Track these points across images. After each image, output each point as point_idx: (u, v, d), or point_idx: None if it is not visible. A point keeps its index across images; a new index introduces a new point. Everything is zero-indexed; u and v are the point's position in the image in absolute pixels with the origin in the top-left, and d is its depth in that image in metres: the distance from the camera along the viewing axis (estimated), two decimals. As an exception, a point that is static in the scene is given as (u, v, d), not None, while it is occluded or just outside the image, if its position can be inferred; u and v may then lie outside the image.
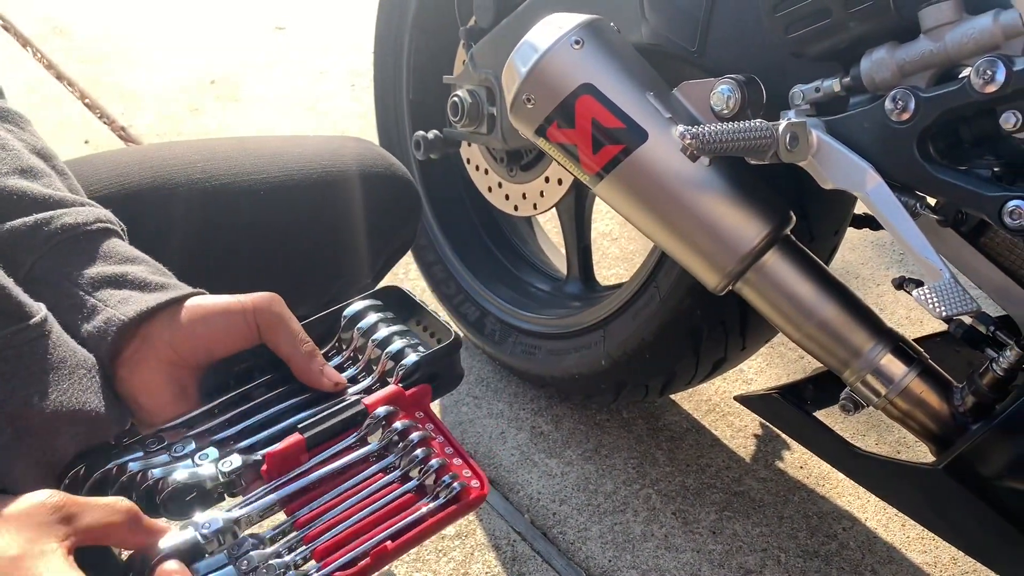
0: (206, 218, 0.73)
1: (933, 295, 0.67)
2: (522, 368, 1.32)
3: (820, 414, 0.90)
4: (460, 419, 1.34)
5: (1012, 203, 0.64)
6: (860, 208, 0.92)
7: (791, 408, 0.87)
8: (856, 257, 1.70)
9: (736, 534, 1.14)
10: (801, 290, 0.80)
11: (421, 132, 1.24)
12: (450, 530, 1.14)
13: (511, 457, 1.27)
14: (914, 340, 0.87)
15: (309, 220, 0.78)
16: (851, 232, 1.39)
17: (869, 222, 1.02)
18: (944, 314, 0.66)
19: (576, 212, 1.27)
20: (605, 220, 1.80)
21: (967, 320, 0.78)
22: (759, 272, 0.80)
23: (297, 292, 0.77)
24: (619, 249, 1.74)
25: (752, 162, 0.76)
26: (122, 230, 0.59)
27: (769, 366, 1.44)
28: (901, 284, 0.78)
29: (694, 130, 0.68)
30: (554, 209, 1.25)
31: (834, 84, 0.74)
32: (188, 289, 0.57)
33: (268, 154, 0.78)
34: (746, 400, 0.94)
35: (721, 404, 1.36)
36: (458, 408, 1.36)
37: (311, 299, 0.80)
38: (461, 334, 1.46)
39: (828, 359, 0.81)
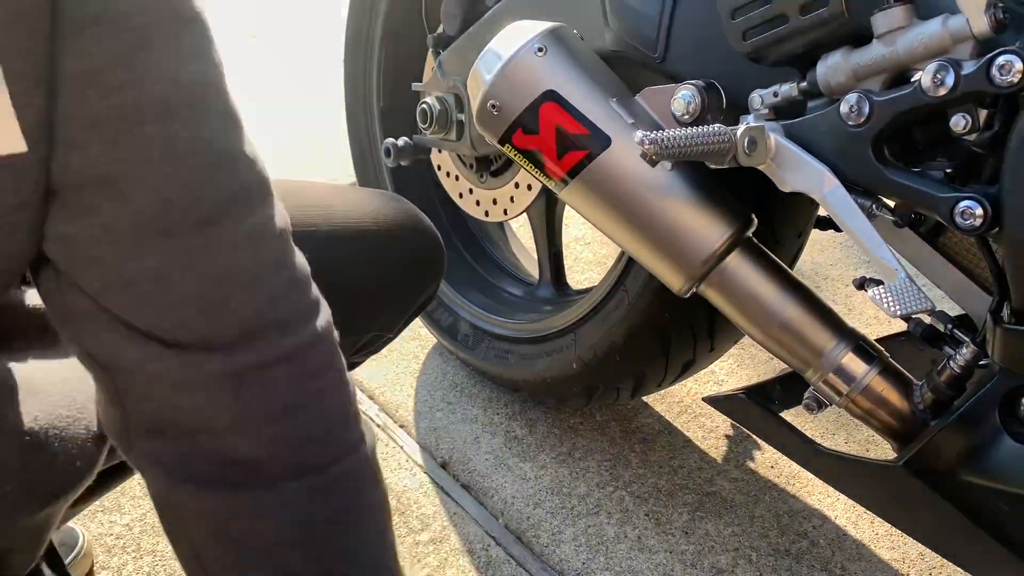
0: None
1: (888, 294, 0.68)
2: (495, 373, 1.33)
3: (790, 413, 0.91)
4: (434, 425, 1.34)
5: (963, 203, 0.66)
6: (824, 210, 0.94)
7: (757, 408, 0.88)
8: (825, 258, 1.72)
9: (708, 534, 1.15)
10: (763, 291, 0.81)
11: (391, 139, 1.24)
12: (424, 536, 1.15)
13: (485, 462, 1.27)
14: (877, 339, 0.88)
15: (355, 270, 0.79)
16: (820, 234, 1.41)
17: (833, 224, 1.03)
18: (898, 313, 0.68)
19: (547, 217, 1.28)
20: (578, 225, 1.81)
21: (926, 319, 0.80)
22: (722, 274, 0.82)
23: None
24: (592, 253, 1.76)
25: (712, 167, 0.77)
26: None
27: (740, 367, 1.45)
28: (862, 284, 0.80)
29: (653, 135, 0.69)
30: (525, 214, 1.26)
31: (792, 89, 0.76)
32: None
33: (319, 203, 0.79)
34: (714, 401, 0.95)
35: (693, 405, 1.37)
36: (432, 414, 1.36)
37: (344, 347, 0.82)
38: (435, 339, 1.47)
39: (791, 359, 0.82)
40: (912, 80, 0.68)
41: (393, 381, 1.44)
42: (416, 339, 1.52)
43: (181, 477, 0.48)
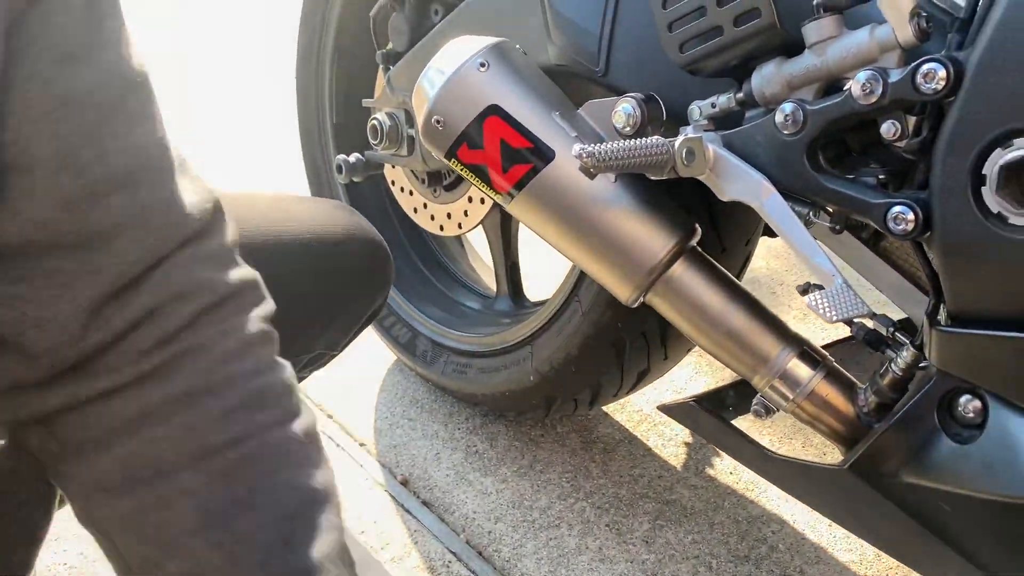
0: None
1: (824, 300, 0.69)
2: (454, 387, 1.32)
3: (748, 419, 0.92)
4: (395, 442, 1.33)
5: (895, 209, 0.67)
6: (769, 217, 0.95)
7: (708, 415, 0.89)
8: (780, 264, 1.74)
9: (669, 543, 1.15)
10: (708, 300, 0.82)
11: (342, 156, 1.24)
12: (385, 555, 1.14)
13: (446, 478, 1.26)
14: (823, 345, 0.89)
15: (299, 285, 0.77)
16: (776, 240, 1.43)
17: (781, 231, 1.05)
18: (835, 318, 0.69)
19: (502, 230, 1.28)
20: (538, 237, 1.82)
21: (869, 323, 0.81)
22: (668, 284, 0.82)
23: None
24: (556, 264, 1.76)
25: (654, 178, 0.78)
26: None
27: (699, 374, 1.46)
28: (806, 290, 0.81)
29: (590, 148, 0.70)
30: (481, 227, 1.26)
31: (729, 100, 0.77)
32: None
33: (259, 216, 0.77)
34: (667, 409, 0.96)
35: (653, 414, 1.37)
36: (392, 431, 1.35)
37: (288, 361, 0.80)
38: (393, 356, 1.46)
39: (738, 366, 0.83)
40: (843, 89, 0.69)
41: (353, 400, 1.43)
42: (376, 356, 1.51)
43: (93, 488, 0.48)
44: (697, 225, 0.85)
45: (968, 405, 0.68)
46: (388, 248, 0.88)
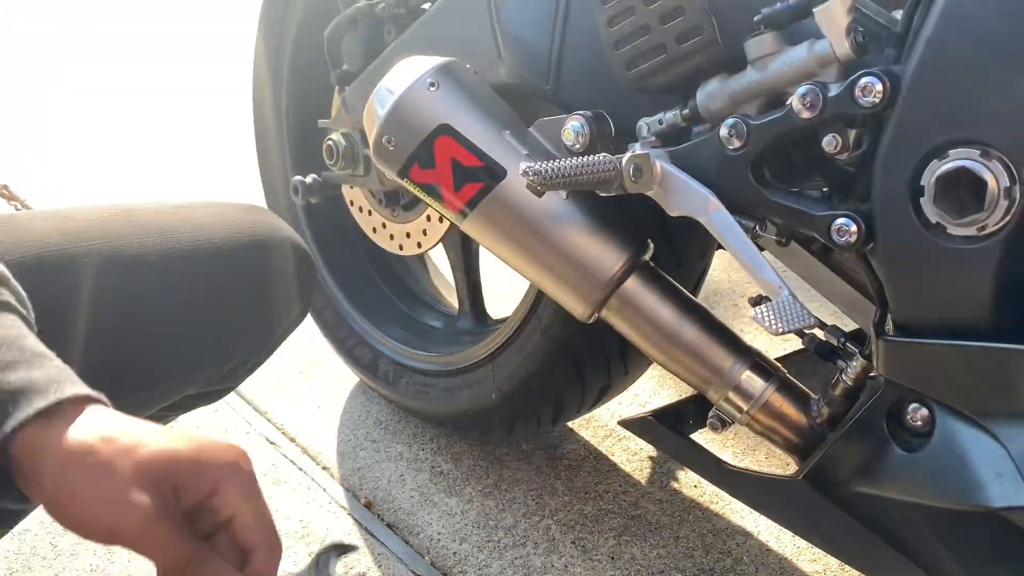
0: (100, 288, 0.68)
1: (770, 313, 0.70)
2: (417, 408, 1.32)
3: (708, 432, 0.92)
4: (358, 465, 1.32)
5: (839, 221, 0.68)
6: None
7: (666, 429, 0.89)
8: (742, 277, 1.75)
9: (634, 558, 1.15)
10: (661, 314, 0.82)
11: (298, 177, 1.23)
12: (348, 579, 1.13)
13: (411, 500, 1.25)
14: (777, 357, 0.90)
15: (203, 295, 0.74)
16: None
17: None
18: (781, 330, 0.69)
19: (463, 248, 1.28)
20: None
21: (820, 334, 0.82)
22: (621, 299, 0.83)
23: (191, 367, 0.74)
24: (519, 281, 1.76)
25: (603, 195, 0.78)
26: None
27: (662, 387, 1.47)
28: (758, 301, 0.81)
29: (536, 166, 0.70)
30: (442, 246, 1.25)
31: (675, 116, 0.77)
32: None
33: (157, 229, 0.73)
34: (628, 424, 0.96)
35: (617, 429, 1.37)
36: (356, 454, 1.34)
37: (204, 376, 0.77)
38: (357, 378, 1.45)
39: (692, 380, 0.83)
40: (785, 103, 0.70)
41: (315, 423, 1.41)
42: (338, 378, 1.50)
43: None
44: (649, 240, 0.86)
45: (916, 414, 0.69)
46: (307, 248, 0.84)
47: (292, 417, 1.42)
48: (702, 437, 1.00)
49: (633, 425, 0.95)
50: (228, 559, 0.46)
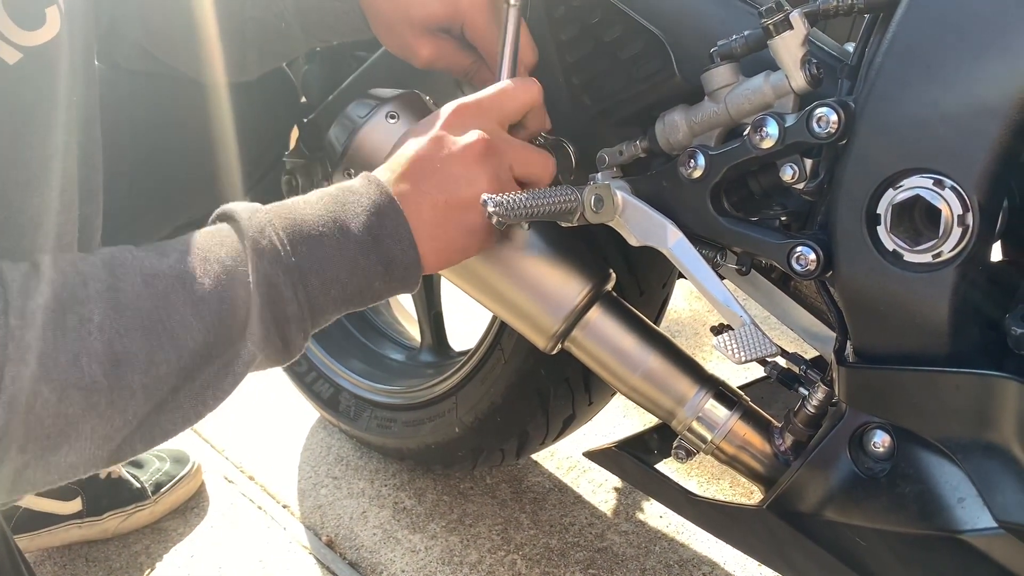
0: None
1: (732, 341, 0.70)
2: (379, 443, 1.30)
3: (674, 462, 0.91)
4: (319, 502, 1.29)
5: (798, 249, 0.68)
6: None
7: (630, 460, 0.88)
8: (703, 306, 1.77)
9: (601, 592, 1.14)
10: (623, 344, 0.82)
11: (257, 210, 1.21)
12: (309, 621, 1.09)
13: (373, 537, 1.23)
14: (740, 386, 0.90)
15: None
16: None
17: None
18: (743, 359, 0.69)
19: (424, 279, 1.27)
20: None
21: (783, 362, 0.82)
22: (584, 330, 0.82)
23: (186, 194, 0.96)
24: (482, 313, 1.75)
25: (565, 225, 0.78)
26: None
27: (627, 418, 1.46)
28: (720, 330, 0.81)
29: (496, 198, 0.69)
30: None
31: (635, 146, 0.78)
32: None
33: None
34: (593, 455, 0.95)
35: (582, 461, 1.36)
36: (317, 491, 1.31)
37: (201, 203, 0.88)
38: (316, 413, 1.42)
39: (656, 410, 0.83)
40: (743, 134, 0.70)
41: (274, 460, 1.38)
42: (298, 414, 1.47)
43: None
44: (612, 270, 0.86)
45: (878, 440, 0.69)
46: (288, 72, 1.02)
47: (250, 454, 1.39)
48: (667, 467, 0.99)
49: (598, 456, 0.94)
50: None
